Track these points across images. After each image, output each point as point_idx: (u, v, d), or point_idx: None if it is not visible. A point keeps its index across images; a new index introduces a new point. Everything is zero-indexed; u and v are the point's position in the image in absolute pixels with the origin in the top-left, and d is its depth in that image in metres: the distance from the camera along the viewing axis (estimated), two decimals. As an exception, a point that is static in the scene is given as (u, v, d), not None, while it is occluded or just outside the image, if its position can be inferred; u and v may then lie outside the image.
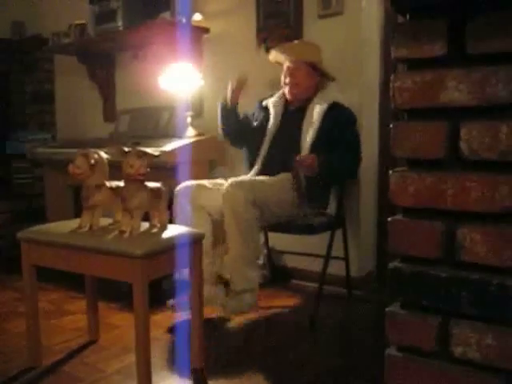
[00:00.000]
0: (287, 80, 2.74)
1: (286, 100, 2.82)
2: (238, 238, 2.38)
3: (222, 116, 2.86)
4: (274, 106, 2.82)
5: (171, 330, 2.40)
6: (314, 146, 2.57)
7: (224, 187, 2.44)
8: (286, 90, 2.76)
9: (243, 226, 2.37)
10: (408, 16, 1.01)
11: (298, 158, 2.48)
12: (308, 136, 2.61)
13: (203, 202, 2.57)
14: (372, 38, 2.99)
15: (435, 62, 0.97)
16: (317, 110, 2.64)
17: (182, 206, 2.55)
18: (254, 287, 2.46)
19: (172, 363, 2.09)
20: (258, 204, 2.39)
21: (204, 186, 2.64)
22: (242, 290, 2.42)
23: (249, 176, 2.67)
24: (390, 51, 1.02)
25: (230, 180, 2.47)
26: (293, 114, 2.75)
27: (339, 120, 2.62)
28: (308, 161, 2.47)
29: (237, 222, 2.37)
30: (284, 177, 2.57)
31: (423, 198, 0.99)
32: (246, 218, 2.37)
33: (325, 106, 2.63)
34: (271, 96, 2.88)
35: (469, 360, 0.95)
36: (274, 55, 2.80)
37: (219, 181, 2.70)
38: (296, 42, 2.85)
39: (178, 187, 2.62)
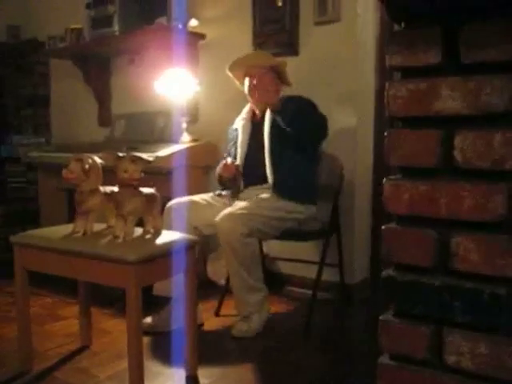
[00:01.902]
0: (255, 86, 2.64)
1: (253, 114, 2.79)
2: (239, 271, 2.38)
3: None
4: (242, 123, 2.78)
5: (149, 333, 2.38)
6: (274, 144, 2.58)
7: (218, 218, 2.39)
8: (255, 99, 2.68)
9: (242, 259, 2.36)
10: (403, 24, 1.01)
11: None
12: (266, 138, 2.61)
13: (195, 222, 2.53)
14: (368, 46, 3.00)
15: (429, 71, 0.97)
16: (268, 112, 2.64)
17: (173, 225, 2.46)
18: (260, 308, 2.45)
19: (165, 369, 2.08)
20: (255, 233, 2.38)
21: (196, 203, 2.60)
22: (249, 314, 2.42)
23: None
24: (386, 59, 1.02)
25: (226, 211, 2.41)
26: (259, 125, 2.70)
27: (297, 103, 2.60)
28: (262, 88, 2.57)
29: (236, 257, 2.36)
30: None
31: (417, 206, 0.99)
32: (245, 251, 2.35)
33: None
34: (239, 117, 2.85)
35: (462, 369, 0.95)
36: (237, 69, 2.72)
37: (211, 194, 2.69)
38: (259, 50, 2.77)
39: (170, 204, 2.56)
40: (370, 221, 3.14)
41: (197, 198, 2.63)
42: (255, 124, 2.76)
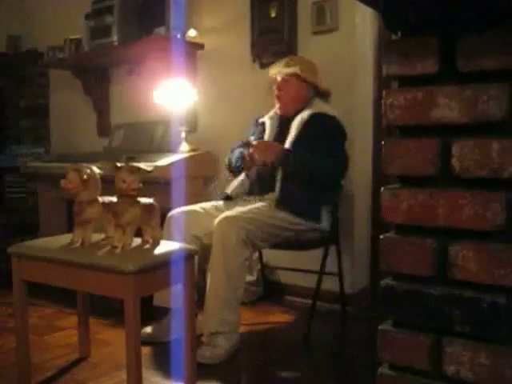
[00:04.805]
0: (275, 94, 2.73)
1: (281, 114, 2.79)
2: (222, 279, 2.25)
3: (234, 171, 2.78)
4: (269, 119, 2.78)
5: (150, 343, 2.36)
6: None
7: (217, 219, 2.33)
8: (276, 104, 2.75)
9: (231, 268, 2.25)
10: (399, 34, 1.01)
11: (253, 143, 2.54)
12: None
13: (195, 231, 2.48)
14: (366, 55, 3.01)
15: (426, 80, 0.97)
16: (297, 121, 2.61)
17: (173, 235, 2.41)
18: (230, 331, 2.27)
19: (165, 380, 2.07)
20: (250, 241, 2.30)
21: (196, 212, 2.56)
22: (216, 333, 2.25)
23: (236, 187, 2.59)
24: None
25: (225, 214, 2.35)
26: (285, 126, 2.69)
27: (324, 130, 2.55)
28: (261, 147, 2.50)
29: (225, 263, 2.24)
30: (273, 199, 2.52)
31: (415, 216, 0.98)
32: (236, 260, 2.25)
33: (305, 115, 2.60)
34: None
35: (461, 379, 0.94)
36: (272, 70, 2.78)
37: (212, 203, 2.66)
38: (292, 57, 2.80)
39: (170, 214, 2.53)
40: (369, 230, 3.13)
41: (196, 207, 2.62)
42: (282, 125, 2.73)
